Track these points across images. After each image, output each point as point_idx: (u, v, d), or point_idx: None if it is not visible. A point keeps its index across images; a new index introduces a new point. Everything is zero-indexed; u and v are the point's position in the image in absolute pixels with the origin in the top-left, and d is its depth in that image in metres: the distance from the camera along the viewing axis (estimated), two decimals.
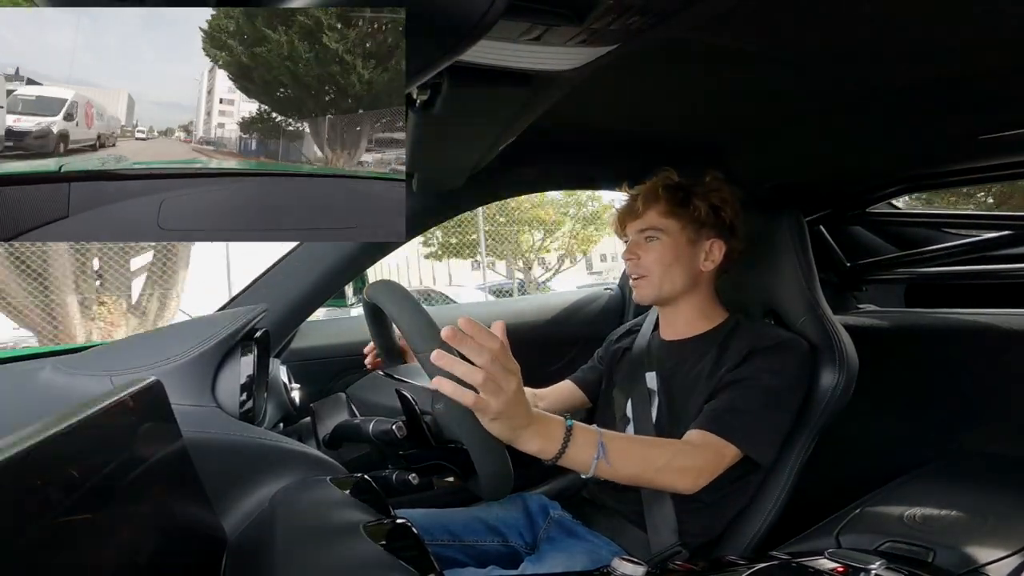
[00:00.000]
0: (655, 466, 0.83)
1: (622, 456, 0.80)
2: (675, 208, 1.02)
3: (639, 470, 0.83)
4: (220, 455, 0.64)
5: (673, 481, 0.85)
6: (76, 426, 0.36)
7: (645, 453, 0.84)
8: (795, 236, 1.09)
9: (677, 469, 0.85)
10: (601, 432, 0.79)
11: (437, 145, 0.82)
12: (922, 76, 0.80)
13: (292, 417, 0.97)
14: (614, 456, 0.78)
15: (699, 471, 0.87)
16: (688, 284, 1.04)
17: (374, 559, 0.50)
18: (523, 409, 0.70)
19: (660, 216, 1.02)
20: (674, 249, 1.02)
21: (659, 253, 1.02)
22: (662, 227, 1.02)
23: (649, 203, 1.03)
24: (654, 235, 1.03)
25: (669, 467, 0.84)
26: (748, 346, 0.96)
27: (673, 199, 1.02)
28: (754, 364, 0.95)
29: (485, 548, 1.04)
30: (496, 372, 0.65)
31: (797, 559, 0.73)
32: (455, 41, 0.42)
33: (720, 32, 0.68)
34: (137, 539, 0.40)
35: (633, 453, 0.83)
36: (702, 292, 1.06)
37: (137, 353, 0.79)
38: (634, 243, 1.05)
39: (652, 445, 0.88)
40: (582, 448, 0.76)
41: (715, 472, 0.89)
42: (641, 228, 1.04)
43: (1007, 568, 0.71)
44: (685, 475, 0.85)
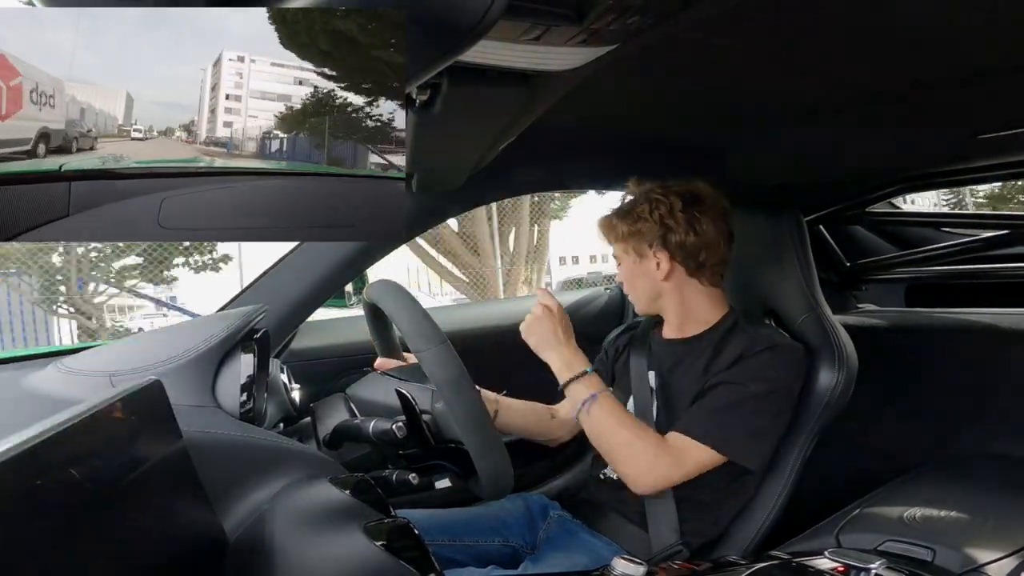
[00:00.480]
0: (618, 443, 0.93)
1: (601, 417, 0.94)
2: (627, 235, 1.05)
3: (604, 438, 0.95)
4: (220, 455, 0.63)
5: (626, 471, 0.94)
6: (76, 426, 0.36)
7: (620, 430, 0.93)
8: (795, 236, 1.09)
9: (636, 462, 0.92)
10: (605, 391, 0.95)
11: (437, 145, 0.82)
12: (922, 76, 0.80)
13: (292, 417, 0.97)
14: (596, 412, 0.94)
15: (661, 477, 0.92)
16: (656, 295, 1.06)
17: (374, 559, 0.50)
18: (553, 339, 0.97)
19: (616, 241, 1.08)
20: (630, 270, 1.06)
21: (624, 275, 1.08)
22: (619, 252, 1.08)
23: (607, 234, 1.08)
24: (618, 257, 1.09)
25: (631, 457, 0.92)
26: (740, 349, 0.97)
27: (617, 231, 1.06)
28: (742, 367, 0.96)
29: (485, 548, 1.04)
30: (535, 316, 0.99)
31: (797, 558, 0.73)
32: (455, 41, 0.42)
33: (720, 32, 0.68)
34: (137, 539, 0.40)
35: (611, 422, 0.93)
36: (681, 296, 1.05)
37: (137, 353, 0.79)
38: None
39: (633, 429, 0.93)
40: (582, 390, 0.94)
41: (687, 475, 0.92)
42: (614, 253, 1.11)
43: (1007, 568, 0.71)
44: (642, 475, 0.93)
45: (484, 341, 1.40)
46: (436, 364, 0.74)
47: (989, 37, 0.70)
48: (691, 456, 0.92)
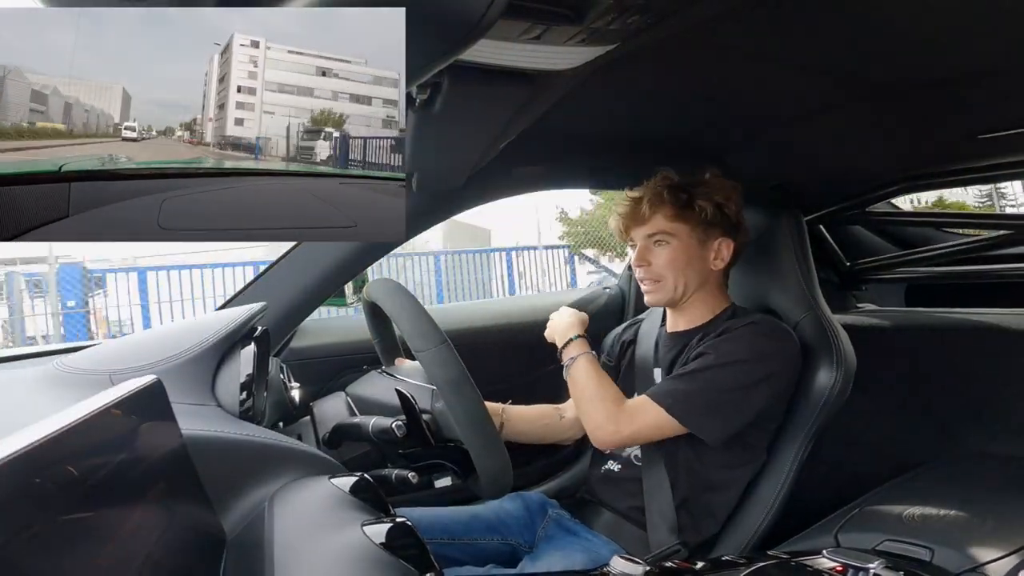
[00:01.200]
0: (586, 397, 1.00)
1: (577, 375, 1.02)
2: (682, 211, 1.01)
3: (575, 393, 1.03)
4: (220, 454, 0.64)
5: (587, 423, 1.00)
6: (76, 426, 0.36)
7: (590, 385, 1.00)
8: (794, 236, 1.09)
9: (595, 415, 0.98)
10: (586, 355, 1.03)
11: (437, 145, 0.82)
12: (921, 76, 0.80)
13: (292, 416, 0.97)
14: (574, 371, 1.03)
15: (613, 432, 0.97)
16: (700, 284, 1.04)
17: (373, 557, 0.50)
18: (559, 323, 1.10)
19: (668, 220, 1.01)
20: (685, 252, 1.01)
21: (670, 257, 1.01)
22: (671, 231, 1.01)
23: (655, 208, 1.01)
24: (664, 239, 1.02)
25: (593, 410, 0.99)
26: (726, 326, 0.99)
27: (678, 201, 1.01)
28: (720, 340, 0.97)
29: (484, 546, 1.04)
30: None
31: (796, 558, 0.73)
32: (455, 41, 0.42)
33: (720, 32, 0.68)
34: (137, 538, 0.41)
35: (583, 379, 1.01)
36: (711, 288, 1.06)
37: (137, 352, 0.79)
38: (644, 248, 1.04)
39: (602, 387, 1.00)
40: (567, 353, 1.05)
41: (637, 432, 0.97)
42: (649, 233, 1.03)
43: (1006, 567, 0.71)
44: (598, 428, 0.98)
45: (485, 340, 1.40)
46: (436, 364, 0.75)
47: (989, 37, 0.70)
48: (647, 415, 0.95)
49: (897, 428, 1.25)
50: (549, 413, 1.18)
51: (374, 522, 0.56)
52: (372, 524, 0.55)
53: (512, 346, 1.42)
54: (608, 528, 1.03)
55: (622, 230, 1.07)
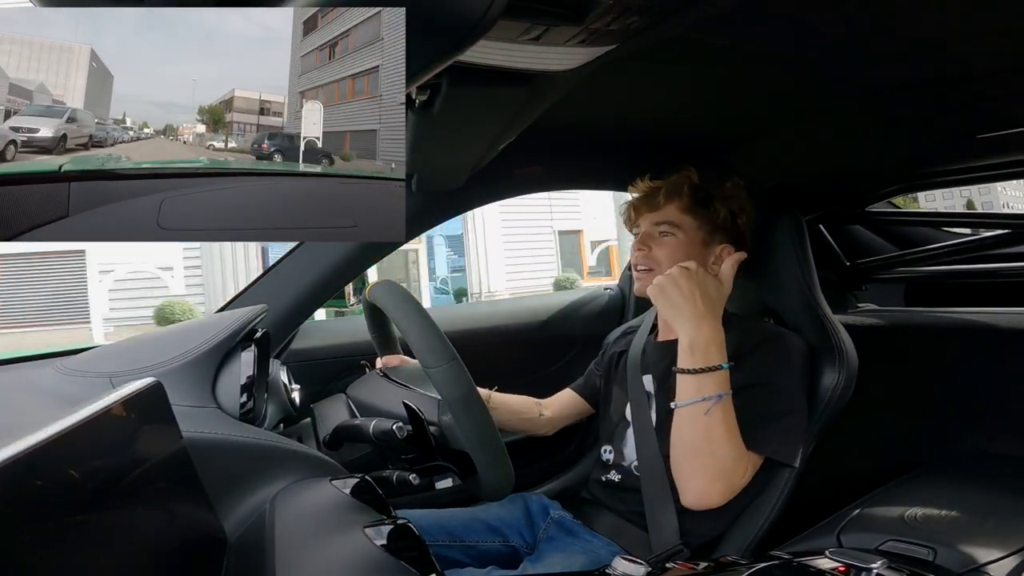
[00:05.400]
0: (719, 455, 0.87)
1: (715, 423, 0.86)
2: (695, 206, 1.01)
3: (704, 443, 0.87)
4: (220, 456, 0.63)
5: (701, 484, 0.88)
6: (76, 427, 0.36)
7: (728, 442, 0.87)
8: (794, 236, 1.09)
9: (720, 477, 0.87)
10: (728, 395, 0.87)
11: (437, 145, 0.82)
12: (921, 76, 0.80)
13: (292, 418, 0.97)
14: (717, 414, 0.86)
15: (727, 489, 0.89)
16: None
17: (375, 559, 0.50)
18: (689, 308, 0.89)
19: (679, 212, 1.01)
20: (687, 247, 1.01)
21: (671, 249, 1.01)
22: (679, 223, 1.01)
23: (671, 197, 1.01)
24: (669, 230, 1.02)
25: (720, 472, 0.87)
26: (735, 344, 0.94)
27: (695, 197, 1.01)
28: (754, 363, 0.94)
29: (485, 548, 1.04)
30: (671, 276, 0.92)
31: (798, 558, 0.73)
32: (455, 41, 0.42)
33: (720, 32, 0.68)
34: (138, 540, 0.40)
35: (722, 431, 0.86)
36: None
37: (137, 354, 0.79)
38: (647, 234, 1.03)
39: (739, 446, 0.89)
40: (711, 386, 0.87)
41: (744, 484, 0.90)
42: (657, 221, 1.02)
43: (1008, 567, 0.71)
44: (717, 492, 0.88)
45: (485, 341, 1.40)
46: (447, 383, 0.74)
47: (989, 37, 0.70)
48: (753, 463, 0.91)
49: (897, 428, 1.25)
50: (531, 407, 1.20)
51: (375, 524, 0.56)
52: (373, 526, 0.55)
53: (513, 347, 1.42)
54: (610, 529, 1.02)
55: (632, 216, 1.07)
